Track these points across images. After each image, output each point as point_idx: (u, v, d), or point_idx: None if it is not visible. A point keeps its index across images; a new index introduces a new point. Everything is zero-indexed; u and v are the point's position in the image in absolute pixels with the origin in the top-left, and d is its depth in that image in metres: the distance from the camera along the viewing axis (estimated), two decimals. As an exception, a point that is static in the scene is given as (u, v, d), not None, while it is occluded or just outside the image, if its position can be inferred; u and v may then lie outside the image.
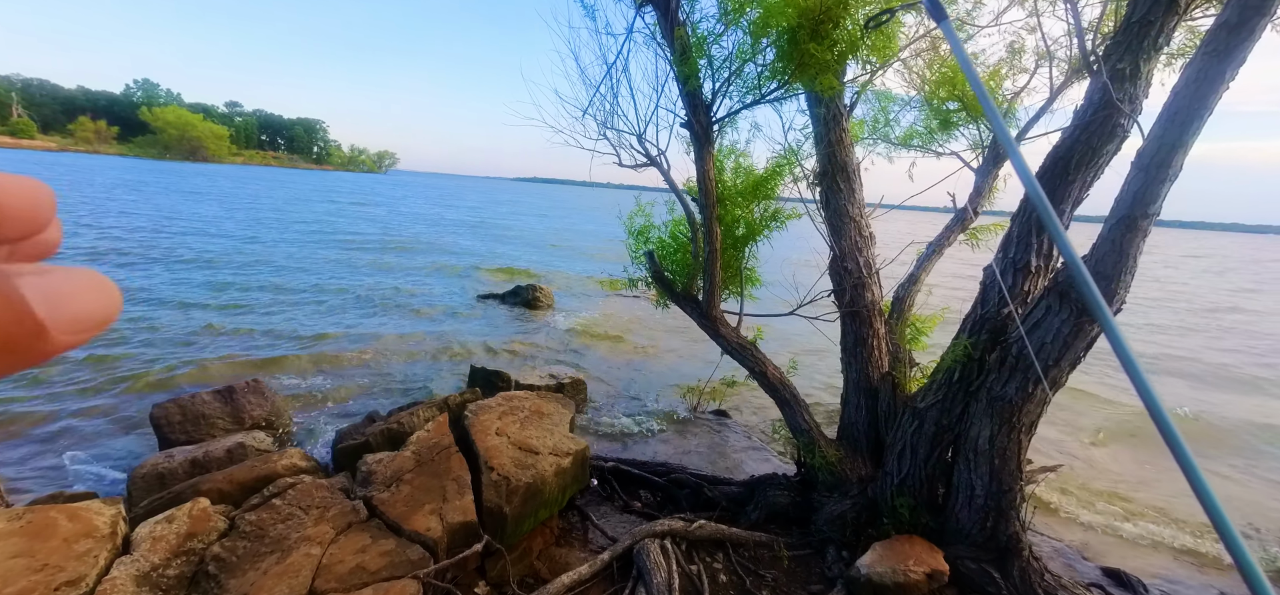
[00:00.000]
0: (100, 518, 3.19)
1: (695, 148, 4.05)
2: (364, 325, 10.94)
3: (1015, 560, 3.80)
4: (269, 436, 5.62)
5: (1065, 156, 3.34)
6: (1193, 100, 2.70)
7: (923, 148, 5.46)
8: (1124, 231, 3.03)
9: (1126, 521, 5.59)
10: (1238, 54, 2.55)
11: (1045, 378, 3.40)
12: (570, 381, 7.58)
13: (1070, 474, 6.42)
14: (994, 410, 3.66)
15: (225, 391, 6.04)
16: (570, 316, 13.07)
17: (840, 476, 4.49)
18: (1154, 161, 2.87)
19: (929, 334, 4.99)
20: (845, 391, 4.82)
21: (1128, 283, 3.12)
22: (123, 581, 2.91)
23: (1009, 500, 3.78)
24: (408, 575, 3.33)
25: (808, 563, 4.27)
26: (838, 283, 4.68)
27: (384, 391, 7.79)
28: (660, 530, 4.15)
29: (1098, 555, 4.99)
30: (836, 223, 4.60)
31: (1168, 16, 2.97)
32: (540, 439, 4.68)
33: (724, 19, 3.67)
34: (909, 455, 4.11)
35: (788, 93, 3.87)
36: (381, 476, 4.16)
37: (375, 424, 5.43)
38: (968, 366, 3.81)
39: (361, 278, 15.86)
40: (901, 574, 3.73)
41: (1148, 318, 17.96)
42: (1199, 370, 12.03)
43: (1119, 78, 3.09)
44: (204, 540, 3.38)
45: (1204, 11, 3.53)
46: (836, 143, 4.46)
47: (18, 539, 2.91)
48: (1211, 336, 15.90)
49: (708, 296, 4.42)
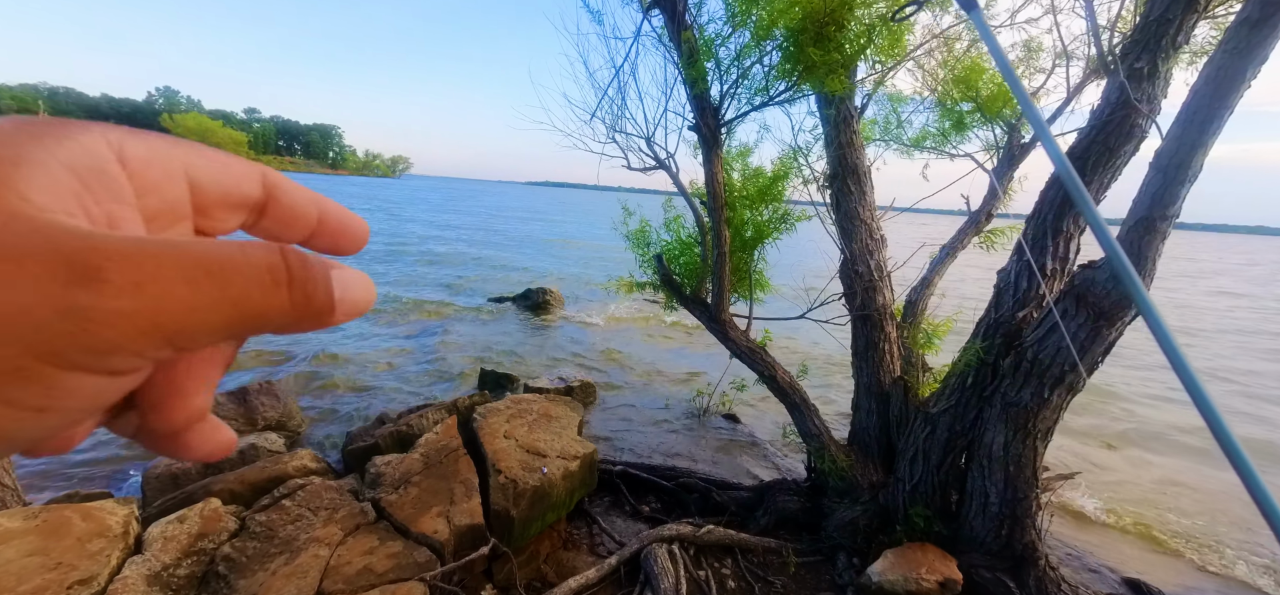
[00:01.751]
0: (113, 517, 3.23)
1: (703, 150, 4.03)
2: (375, 328, 11.04)
3: (1031, 569, 3.72)
4: (281, 437, 5.67)
5: (1082, 157, 3.28)
6: (1213, 99, 2.62)
7: (935, 149, 5.39)
8: (1142, 233, 2.96)
9: (1145, 529, 5.45)
10: (1260, 51, 2.48)
11: (1060, 384, 3.33)
12: (579, 384, 7.58)
13: (1088, 480, 6.28)
14: (1008, 416, 3.59)
15: (239, 393, 6.12)
16: (580, 320, 13.08)
17: (851, 482, 4.42)
18: (1173, 162, 2.80)
19: (942, 339, 4.92)
20: (856, 396, 4.76)
21: (1146, 285, 3.05)
22: (134, 581, 2.94)
23: (1024, 508, 3.70)
24: (415, 577, 3.33)
25: (818, 570, 4.22)
26: (848, 286, 4.63)
27: (394, 393, 7.84)
28: (668, 535, 4.12)
29: (1117, 564, 4.87)
30: (847, 225, 4.55)
31: (1187, 14, 2.90)
32: (548, 442, 4.67)
33: (731, 21, 3.66)
34: (921, 461, 4.04)
35: (796, 95, 3.84)
36: (390, 478, 4.17)
37: (385, 426, 5.46)
38: (981, 371, 3.74)
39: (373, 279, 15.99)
40: (914, 582, 3.67)
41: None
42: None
43: (1137, 77, 3.02)
44: (214, 540, 3.41)
45: (1225, 9, 3.44)
46: (847, 144, 4.41)
47: (33, 537, 2.96)
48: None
49: (717, 299, 4.39)
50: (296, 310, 0.25)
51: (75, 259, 0.20)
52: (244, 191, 0.30)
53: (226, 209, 0.30)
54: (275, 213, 0.31)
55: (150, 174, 0.27)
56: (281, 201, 0.31)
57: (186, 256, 0.22)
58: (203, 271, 0.22)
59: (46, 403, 0.21)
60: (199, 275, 0.22)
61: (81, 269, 0.20)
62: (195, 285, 0.22)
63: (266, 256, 0.24)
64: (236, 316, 0.23)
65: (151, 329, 0.21)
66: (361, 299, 0.29)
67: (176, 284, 0.21)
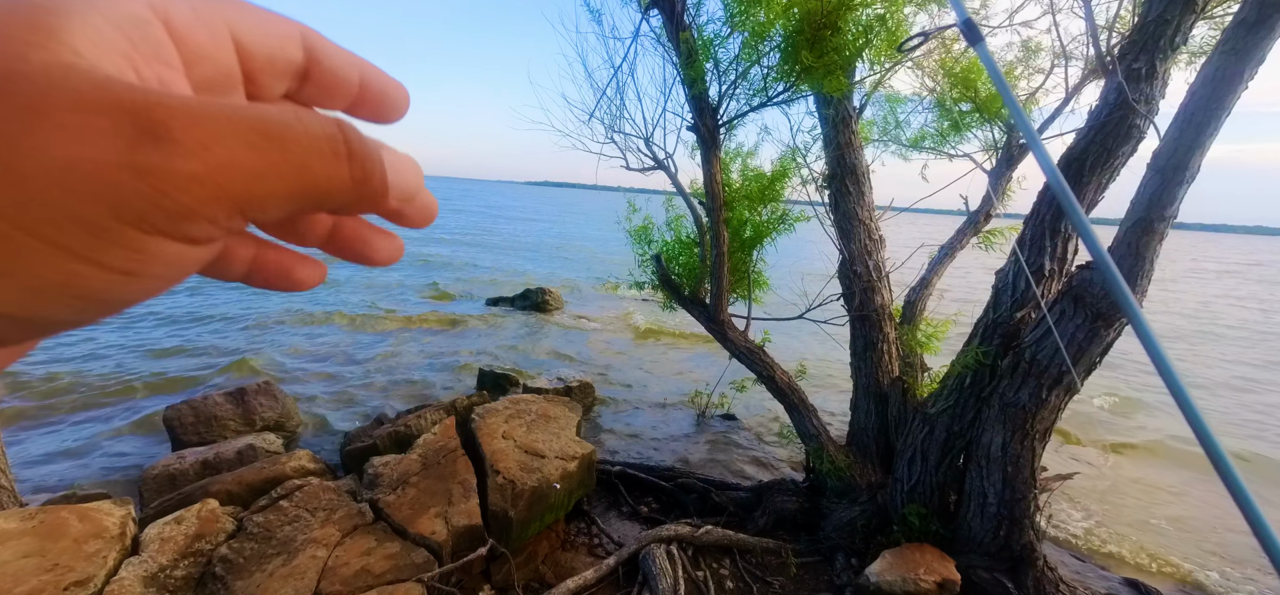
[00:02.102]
0: (110, 519, 3.23)
1: (702, 151, 4.03)
2: (374, 328, 11.02)
3: (1029, 570, 3.72)
4: (279, 438, 5.66)
5: (1080, 158, 3.28)
6: (1210, 101, 2.63)
7: (934, 150, 5.39)
8: (1140, 234, 2.96)
9: (1144, 531, 5.46)
10: (1257, 52, 2.48)
11: (1058, 385, 3.34)
12: (578, 384, 7.57)
13: (1086, 481, 6.29)
14: (1007, 417, 3.59)
15: (237, 393, 6.10)
16: (579, 320, 13.08)
17: (849, 483, 4.43)
18: (1171, 163, 2.81)
19: (941, 339, 4.92)
20: (854, 397, 4.76)
21: (1144, 286, 3.05)
22: (130, 582, 2.94)
23: (1022, 508, 3.71)
24: (412, 578, 3.33)
25: (816, 570, 4.22)
26: (847, 286, 4.63)
27: (393, 394, 7.83)
28: (666, 535, 4.12)
29: (1115, 565, 4.88)
30: (845, 226, 4.56)
31: (1185, 15, 2.90)
32: (547, 442, 4.67)
33: (730, 22, 3.65)
34: (920, 462, 4.05)
35: (795, 96, 3.84)
36: (388, 479, 4.17)
37: (383, 426, 5.46)
38: (979, 372, 3.75)
39: (368, 280, 16.00)
40: (912, 583, 3.67)
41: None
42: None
43: (1135, 77, 3.02)
44: (212, 541, 3.41)
45: (1223, 10, 3.45)
46: (845, 145, 4.41)
47: (30, 538, 2.95)
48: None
49: (715, 300, 4.39)
50: (356, 186, 0.24)
51: (141, 114, 0.19)
52: (289, 55, 0.28)
53: (272, 75, 0.28)
54: (318, 78, 0.30)
55: (196, 38, 0.25)
56: (324, 66, 0.29)
57: (247, 120, 0.21)
58: (264, 137, 0.21)
59: (135, 267, 0.20)
60: (260, 141, 0.21)
61: (149, 126, 0.19)
62: (258, 151, 0.21)
63: (324, 127, 0.23)
64: (299, 188, 0.22)
65: (222, 195, 0.20)
66: (411, 184, 0.28)
67: (240, 149, 0.20)
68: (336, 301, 12.79)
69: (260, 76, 0.28)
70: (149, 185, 0.19)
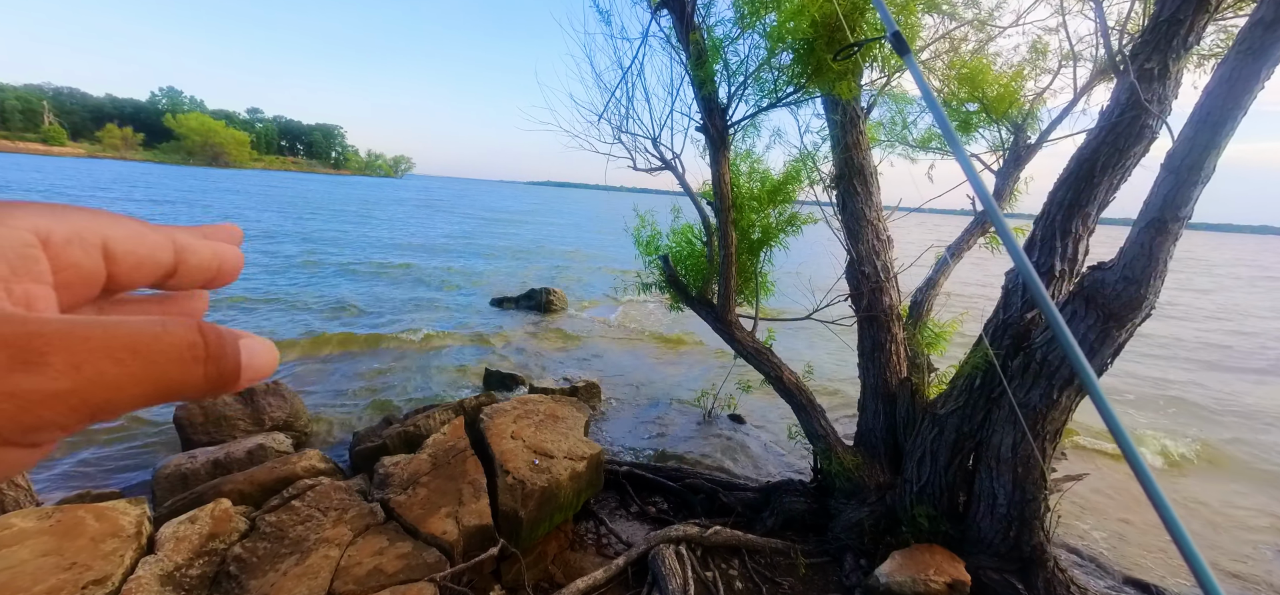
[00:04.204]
0: (126, 517, 3.25)
1: (711, 151, 4.03)
2: (381, 330, 11.06)
3: (1039, 571, 3.72)
4: (288, 438, 5.69)
5: (1090, 159, 3.27)
6: (1226, 101, 2.62)
7: (941, 150, 5.38)
8: (1154, 234, 2.95)
9: (1152, 532, 5.43)
10: (1274, 52, 2.47)
11: (1069, 386, 3.33)
12: (585, 385, 7.59)
13: (1097, 482, 6.26)
14: (1016, 417, 3.58)
15: (246, 393, 6.14)
16: (585, 320, 13.10)
17: (858, 483, 4.42)
18: (1185, 164, 2.80)
19: (949, 340, 4.91)
20: (862, 397, 4.75)
21: (1157, 287, 3.04)
22: (147, 580, 2.96)
23: (1032, 509, 3.70)
24: (424, 578, 3.34)
25: (825, 570, 4.22)
26: (855, 287, 4.63)
27: (401, 394, 7.86)
28: (675, 536, 4.12)
29: (1125, 566, 4.86)
30: (853, 226, 4.55)
31: (1198, 15, 2.89)
32: (555, 442, 4.68)
33: (740, 23, 3.66)
34: (929, 462, 4.04)
35: (804, 97, 3.84)
36: (398, 479, 4.19)
37: (392, 426, 5.48)
38: (989, 372, 3.74)
39: (374, 282, 16.05)
40: (922, 584, 3.66)
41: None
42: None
43: (1147, 78, 3.01)
44: (225, 541, 3.43)
45: (1237, 11, 3.43)
46: (853, 146, 4.41)
47: (47, 538, 2.98)
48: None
49: (723, 301, 4.40)
50: (210, 383, 0.27)
51: (16, 344, 0.22)
52: (157, 259, 0.32)
53: (140, 274, 0.32)
54: (183, 272, 0.34)
55: (70, 252, 0.28)
56: (189, 263, 0.34)
57: (115, 337, 0.24)
58: (129, 351, 0.24)
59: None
60: (127, 355, 0.24)
61: (26, 355, 0.22)
62: (122, 364, 0.23)
63: (186, 335, 0.26)
64: (155, 390, 0.25)
65: (82, 406, 0.23)
66: (263, 366, 0.31)
67: (107, 363, 0.23)
68: (344, 303, 12.86)
69: (126, 276, 0.31)
70: (13, 406, 0.21)
